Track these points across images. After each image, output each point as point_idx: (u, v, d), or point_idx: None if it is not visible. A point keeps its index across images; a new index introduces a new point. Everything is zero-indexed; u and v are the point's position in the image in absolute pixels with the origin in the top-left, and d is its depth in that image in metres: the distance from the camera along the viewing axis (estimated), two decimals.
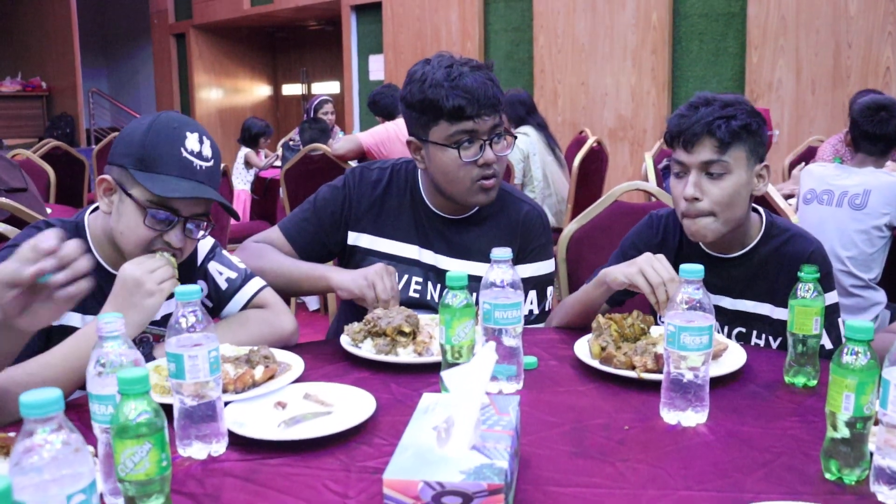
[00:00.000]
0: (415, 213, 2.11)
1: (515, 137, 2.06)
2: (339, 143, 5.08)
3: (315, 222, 2.14)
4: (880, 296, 2.98)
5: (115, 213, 1.70)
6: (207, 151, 1.70)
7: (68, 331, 1.66)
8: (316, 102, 6.96)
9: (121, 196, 1.68)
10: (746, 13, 6.40)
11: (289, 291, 2.05)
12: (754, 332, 1.93)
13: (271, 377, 1.61)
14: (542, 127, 5.51)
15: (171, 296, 1.55)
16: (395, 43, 9.24)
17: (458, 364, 1.50)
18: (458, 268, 2.05)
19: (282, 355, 1.71)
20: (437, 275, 2.08)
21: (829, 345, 1.83)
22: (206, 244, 1.92)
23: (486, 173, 1.96)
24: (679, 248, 1.98)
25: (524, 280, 2.05)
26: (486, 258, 2.04)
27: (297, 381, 1.61)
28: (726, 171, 1.80)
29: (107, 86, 15.86)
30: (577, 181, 5.19)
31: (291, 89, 13.87)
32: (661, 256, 1.75)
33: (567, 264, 2.55)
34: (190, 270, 1.88)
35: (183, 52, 13.07)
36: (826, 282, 1.82)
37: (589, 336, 1.74)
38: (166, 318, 1.84)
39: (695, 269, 1.35)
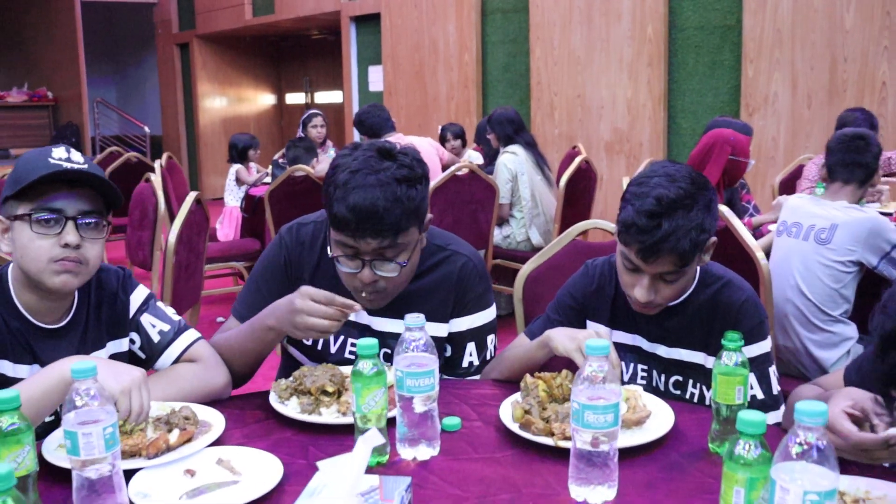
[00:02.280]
0: None
1: (404, 265, 1.85)
2: (321, 166, 5.06)
3: (265, 293, 2.03)
4: (851, 330, 2.92)
5: (14, 245, 1.70)
6: (78, 157, 1.69)
7: (2, 379, 1.70)
8: (305, 116, 6.94)
9: (11, 225, 1.69)
10: (742, 26, 6.33)
11: (256, 361, 1.95)
12: (690, 381, 1.90)
13: (188, 440, 1.58)
14: (530, 145, 5.48)
15: None
16: (394, 54, 9.22)
17: (367, 430, 1.48)
18: (392, 327, 2.00)
19: (205, 413, 1.69)
20: (377, 336, 2.02)
21: (759, 395, 1.79)
22: (139, 296, 1.90)
23: (366, 290, 1.88)
24: (615, 298, 1.94)
25: (461, 333, 2.03)
26: (426, 316, 2.00)
27: (214, 443, 1.58)
28: (681, 275, 1.78)
29: (115, 95, 15.93)
30: (564, 200, 5.14)
31: (295, 98, 13.89)
32: (603, 335, 1.74)
33: (523, 304, 2.51)
34: (121, 323, 1.87)
35: (187, 62, 13.11)
36: (758, 330, 1.81)
37: (517, 395, 1.70)
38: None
39: (600, 346, 1.31)
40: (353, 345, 2.03)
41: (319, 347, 2.05)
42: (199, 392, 1.81)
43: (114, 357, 1.87)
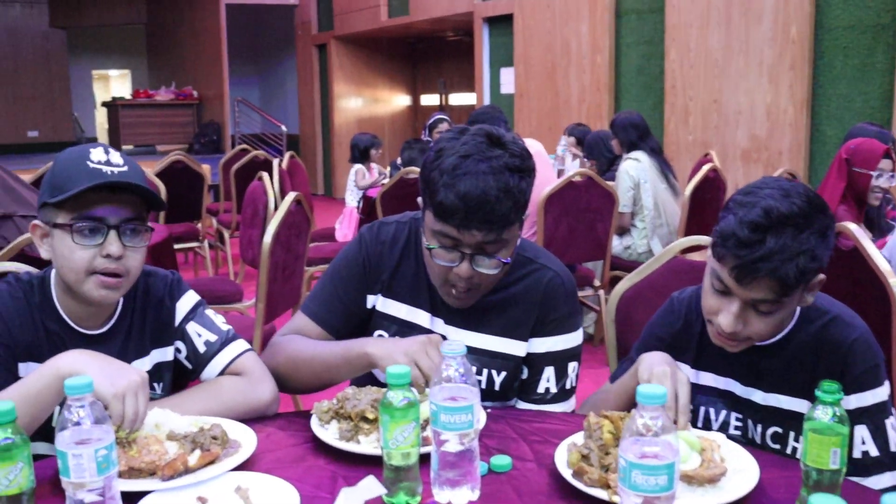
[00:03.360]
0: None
1: (506, 262, 1.71)
2: None
3: (342, 293, 1.91)
4: None
5: (53, 253, 1.63)
6: (117, 159, 1.61)
7: None
8: (431, 120, 6.83)
9: (51, 232, 1.61)
10: None
11: (333, 381, 1.83)
12: (792, 434, 1.61)
13: (211, 462, 1.46)
14: (655, 152, 5.18)
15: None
16: (526, 56, 9.03)
17: (397, 469, 1.31)
18: (469, 340, 1.82)
19: (237, 432, 1.57)
20: None
21: (873, 451, 1.51)
22: (187, 303, 1.80)
23: (456, 285, 1.73)
24: (702, 334, 1.69)
25: (540, 355, 1.84)
26: (502, 331, 1.83)
27: (239, 467, 1.45)
28: (779, 309, 1.52)
29: (257, 94, 16.40)
30: (689, 211, 4.83)
31: (430, 100, 13.88)
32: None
33: (616, 326, 2.28)
34: (166, 331, 1.77)
35: (324, 63, 13.32)
36: (872, 375, 1.54)
37: (577, 435, 1.49)
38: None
39: (655, 394, 1.09)
40: None
41: None
42: (241, 407, 1.70)
43: (159, 366, 1.78)
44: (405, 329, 1.88)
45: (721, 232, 1.51)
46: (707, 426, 1.70)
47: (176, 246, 6.72)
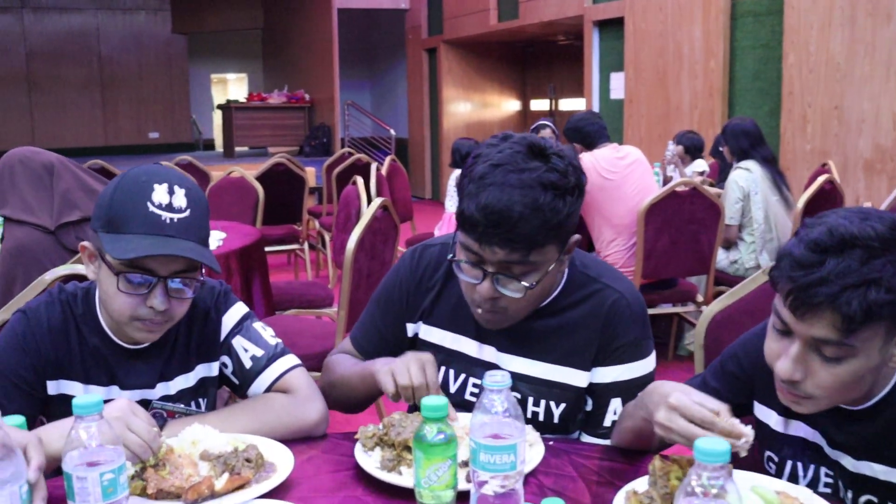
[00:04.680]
0: None
1: (530, 288, 1.53)
2: None
3: (379, 321, 1.82)
4: None
5: (98, 282, 1.57)
6: (180, 202, 1.50)
7: (67, 399, 1.56)
8: (534, 126, 6.67)
9: (99, 262, 1.54)
10: None
11: (360, 400, 1.77)
12: None
13: (241, 486, 1.36)
14: (768, 161, 4.89)
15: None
16: (637, 60, 8.76)
17: None
18: (523, 367, 1.68)
19: (275, 454, 1.47)
20: None
21: None
22: (233, 316, 1.71)
23: (483, 306, 1.58)
24: None
25: (605, 386, 1.66)
26: (559, 359, 1.66)
27: (269, 493, 1.35)
28: (847, 355, 1.24)
29: (369, 98, 16.55)
30: (801, 225, 4.52)
31: (539, 105, 13.68)
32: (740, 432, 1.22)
33: (705, 352, 2.08)
34: (212, 345, 1.70)
35: (434, 67, 13.30)
36: None
37: (641, 480, 1.32)
38: (183, 392, 1.67)
39: (716, 451, 0.92)
40: (475, 385, 1.73)
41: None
42: (287, 427, 1.60)
43: (203, 381, 1.70)
44: (450, 357, 1.75)
45: (778, 253, 1.30)
46: (794, 483, 1.46)
47: (276, 248, 6.82)
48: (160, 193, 1.49)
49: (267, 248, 6.62)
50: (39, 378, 1.56)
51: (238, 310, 1.72)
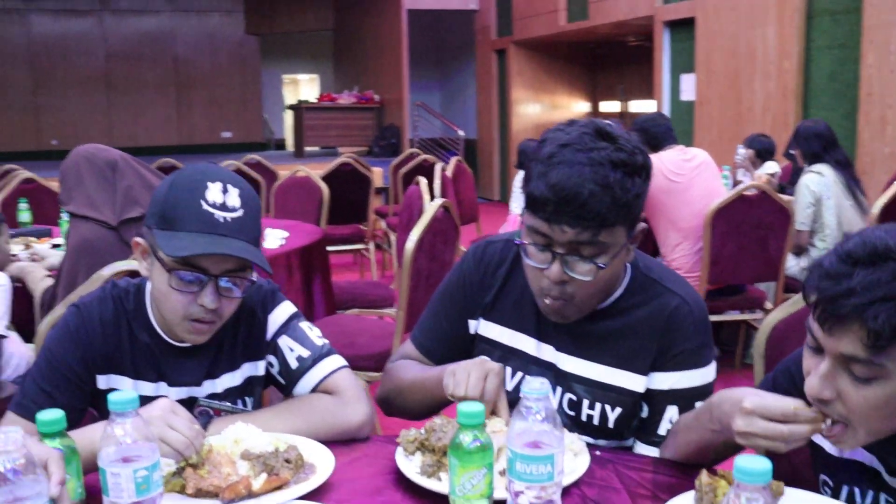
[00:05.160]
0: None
1: (602, 268, 1.51)
2: None
3: (442, 320, 1.81)
4: None
5: (151, 278, 1.58)
6: (234, 201, 1.51)
7: None
8: None
9: (152, 259, 1.55)
10: None
11: (432, 406, 1.73)
12: None
13: (278, 487, 1.36)
14: (841, 165, 4.74)
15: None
16: (708, 61, 8.59)
17: None
18: (580, 369, 1.65)
19: (316, 455, 1.47)
20: (557, 377, 1.67)
21: None
22: (280, 316, 1.71)
23: (551, 293, 1.55)
24: None
25: (662, 392, 1.61)
26: (618, 362, 1.62)
27: (307, 495, 1.34)
28: (878, 375, 1.16)
29: (438, 99, 16.58)
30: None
31: (609, 107, 13.54)
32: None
33: (766, 362, 2.01)
34: (258, 344, 1.70)
35: (503, 68, 13.26)
36: None
37: (687, 495, 1.28)
38: (229, 390, 1.67)
39: (757, 470, 0.88)
40: None
41: None
42: (329, 428, 1.60)
43: (250, 380, 1.70)
44: (508, 354, 1.72)
45: (810, 266, 1.23)
46: None
47: (341, 247, 6.87)
48: (214, 192, 1.50)
49: (332, 248, 6.71)
50: (89, 371, 1.58)
51: (285, 309, 1.72)
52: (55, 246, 3.92)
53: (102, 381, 1.59)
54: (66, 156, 2.99)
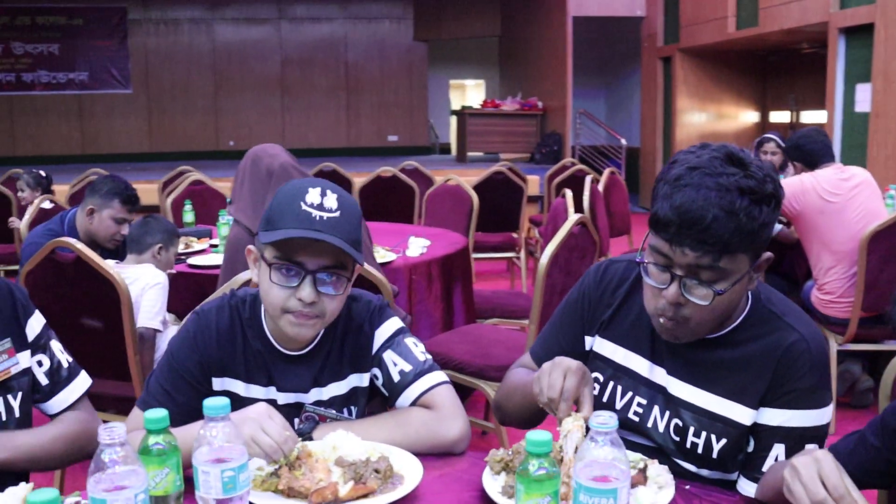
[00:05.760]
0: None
1: (719, 293, 1.50)
2: None
3: (559, 335, 1.85)
4: None
5: (259, 280, 1.70)
6: (331, 203, 1.61)
7: (230, 395, 1.68)
8: (758, 139, 6.34)
9: (260, 263, 1.67)
10: None
11: (532, 413, 1.74)
12: None
13: (364, 495, 1.43)
14: None
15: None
16: (886, 70, 8.10)
17: None
18: (691, 396, 1.64)
19: (406, 467, 1.53)
20: (666, 400, 1.67)
21: None
22: (386, 331, 1.80)
23: (666, 314, 1.54)
24: None
25: (770, 428, 1.59)
26: (728, 392, 1.62)
27: None
28: None
29: (603, 107, 16.42)
30: None
31: (779, 117, 12.99)
32: None
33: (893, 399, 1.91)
34: (364, 357, 1.79)
35: (668, 76, 12.98)
36: None
37: None
38: (335, 398, 1.76)
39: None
40: (640, 405, 1.72)
41: (605, 399, 1.77)
42: (425, 442, 1.67)
43: (354, 391, 1.79)
44: (619, 373, 1.74)
45: None
46: None
47: (493, 255, 6.94)
48: (313, 195, 1.61)
49: (483, 255, 6.79)
50: (205, 374, 1.70)
51: (391, 325, 1.79)
52: (213, 246, 4.19)
53: (217, 384, 1.72)
54: (241, 156, 3.20)
